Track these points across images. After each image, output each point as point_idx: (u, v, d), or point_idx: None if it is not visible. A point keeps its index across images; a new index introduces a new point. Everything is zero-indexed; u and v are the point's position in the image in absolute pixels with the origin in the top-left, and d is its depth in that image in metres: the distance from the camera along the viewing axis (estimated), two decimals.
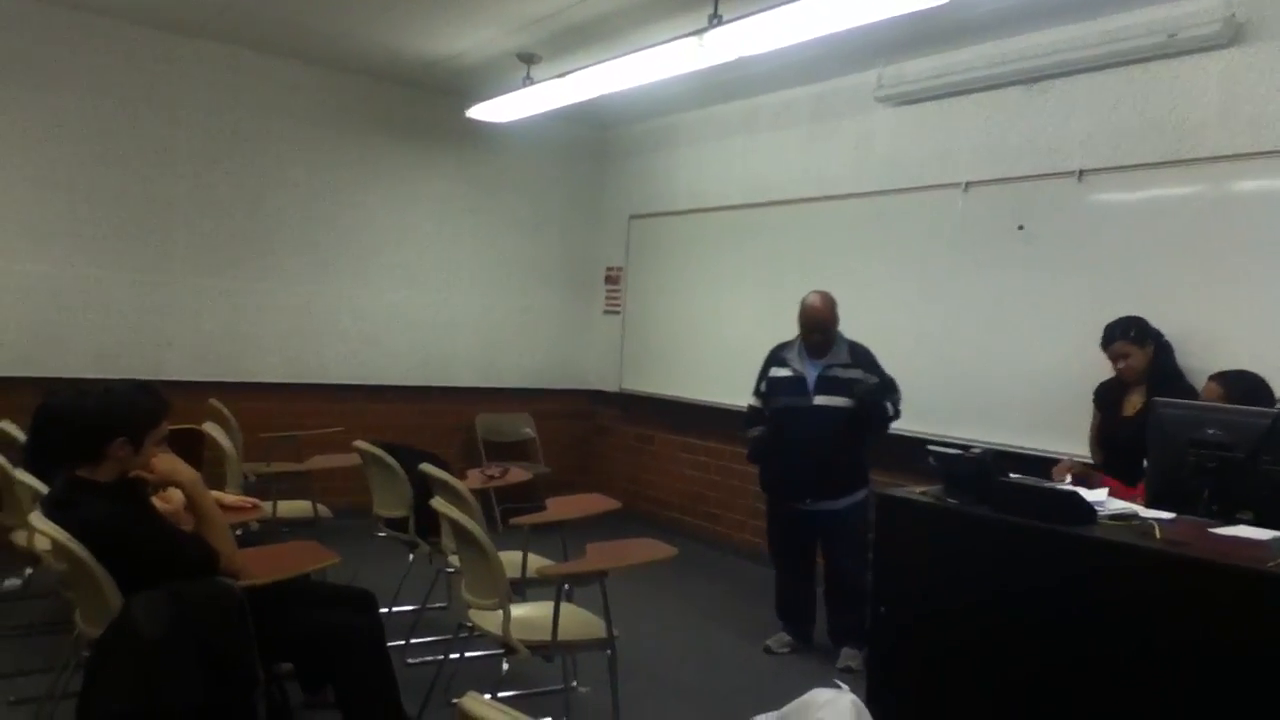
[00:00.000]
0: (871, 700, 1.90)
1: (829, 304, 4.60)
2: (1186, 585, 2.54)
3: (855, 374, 4.50)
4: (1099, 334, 4.10)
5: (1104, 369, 4.16)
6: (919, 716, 2.45)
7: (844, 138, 5.95)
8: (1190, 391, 3.78)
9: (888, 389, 4.50)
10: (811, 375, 4.56)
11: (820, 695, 1.82)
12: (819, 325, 4.56)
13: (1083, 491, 3.03)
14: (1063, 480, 3.51)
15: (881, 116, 5.69)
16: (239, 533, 3.72)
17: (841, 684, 1.86)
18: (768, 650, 4.69)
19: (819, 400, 4.51)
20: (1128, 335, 3.96)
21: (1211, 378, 3.60)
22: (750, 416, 4.85)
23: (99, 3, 5.66)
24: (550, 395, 7.80)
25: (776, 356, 4.76)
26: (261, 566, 2.94)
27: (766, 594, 5.01)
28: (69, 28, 5.76)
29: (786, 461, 4.63)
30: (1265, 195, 4.07)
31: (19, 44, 5.64)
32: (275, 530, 4.49)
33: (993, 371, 4.98)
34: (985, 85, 5.07)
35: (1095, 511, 2.88)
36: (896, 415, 4.53)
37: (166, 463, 2.89)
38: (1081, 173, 4.63)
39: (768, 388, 4.74)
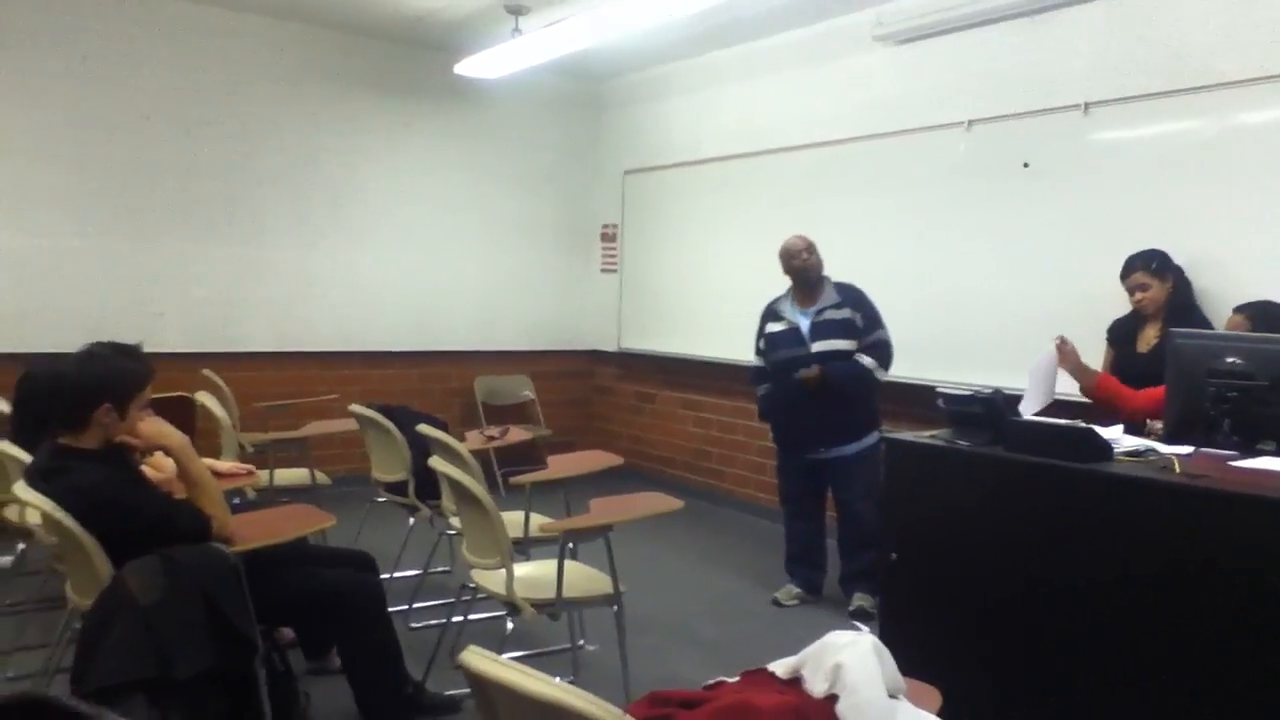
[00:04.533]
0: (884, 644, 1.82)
1: (809, 244, 4.54)
2: (1208, 519, 2.47)
3: (846, 313, 4.45)
4: (1109, 271, 3.99)
5: (1114, 307, 4.04)
6: (933, 660, 2.38)
7: (843, 80, 5.78)
8: (1206, 325, 3.68)
9: (872, 347, 4.45)
10: (805, 324, 4.51)
11: (840, 637, 1.74)
12: (803, 266, 4.50)
13: (1097, 429, 2.96)
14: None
15: (881, 56, 5.52)
16: (236, 500, 3.66)
17: (860, 625, 1.78)
18: (776, 603, 4.63)
19: (818, 346, 4.45)
20: (1149, 266, 3.85)
21: (1236, 310, 3.50)
22: (756, 375, 4.79)
23: None
24: (549, 356, 7.70)
25: (770, 311, 4.71)
26: (256, 531, 2.87)
27: (774, 547, 4.95)
28: None
29: (796, 413, 4.55)
30: (1277, 121, 3.92)
31: None
32: (273, 499, 4.42)
33: (999, 314, 4.86)
34: (986, 19, 4.90)
35: (1111, 448, 2.81)
36: (884, 367, 4.47)
37: (152, 426, 2.81)
38: (1087, 105, 4.50)
39: (766, 344, 4.68)
